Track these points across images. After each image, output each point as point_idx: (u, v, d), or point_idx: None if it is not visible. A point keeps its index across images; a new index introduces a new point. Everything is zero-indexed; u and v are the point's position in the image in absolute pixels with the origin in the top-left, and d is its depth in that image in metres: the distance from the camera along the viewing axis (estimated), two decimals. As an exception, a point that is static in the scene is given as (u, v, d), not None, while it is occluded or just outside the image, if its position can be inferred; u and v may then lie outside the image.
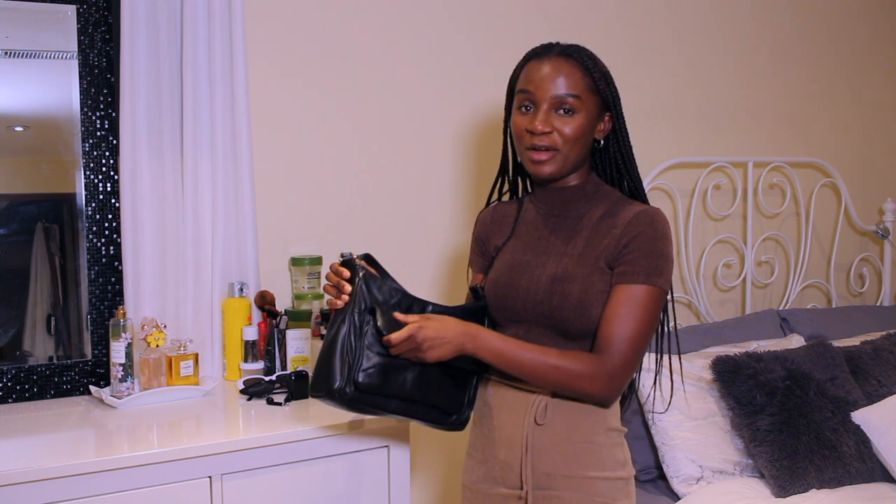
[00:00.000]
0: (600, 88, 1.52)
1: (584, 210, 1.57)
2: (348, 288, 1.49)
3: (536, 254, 1.57)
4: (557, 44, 1.56)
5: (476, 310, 1.61)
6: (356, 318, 1.47)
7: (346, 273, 1.50)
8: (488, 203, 1.76)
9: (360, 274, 1.50)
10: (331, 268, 1.53)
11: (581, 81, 1.50)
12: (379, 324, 1.47)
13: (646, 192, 1.64)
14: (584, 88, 1.51)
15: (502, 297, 1.58)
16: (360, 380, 1.45)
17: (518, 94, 1.55)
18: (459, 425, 1.62)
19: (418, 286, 2.48)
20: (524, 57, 1.58)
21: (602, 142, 1.58)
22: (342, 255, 1.52)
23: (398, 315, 1.48)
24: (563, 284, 1.50)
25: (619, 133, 1.57)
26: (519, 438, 1.53)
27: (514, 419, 1.54)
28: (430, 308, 1.56)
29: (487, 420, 1.60)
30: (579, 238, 1.54)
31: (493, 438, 1.57)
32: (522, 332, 1.55)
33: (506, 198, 1.76)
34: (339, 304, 1.49)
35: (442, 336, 1.45)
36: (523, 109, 1.54)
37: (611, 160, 1.60)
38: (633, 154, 1.60)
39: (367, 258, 1.57)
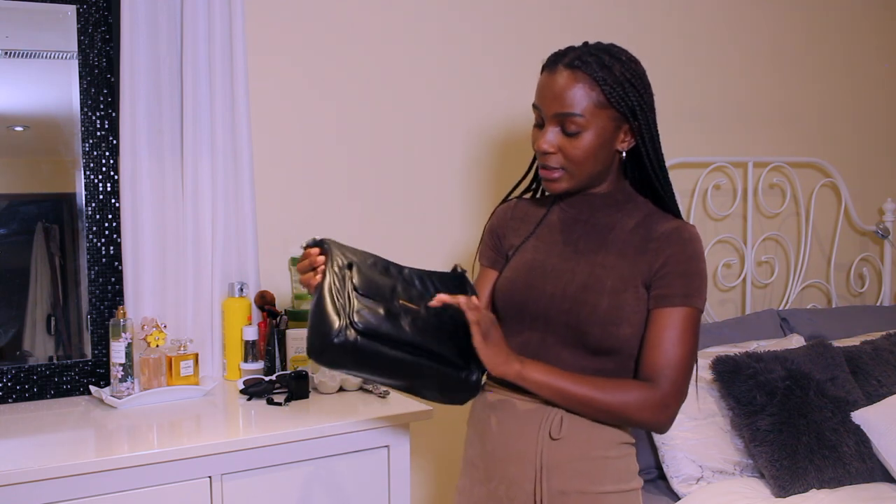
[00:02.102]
0: (613, 102, 1.41)
1: (615, 219, 1.50)
2: (322, 259, 1.39)
3: (563, 259, 1.49)
4: (571, 50, 1.45)
5: (457, 281, 1.49)
6: (336, 271, 1.37)
7: (316, 251, 1.41)
8: (506, 199, 1.67)
9: (328, 243, 1.41)
10: (301, 256, 1.43)
11: (587, 97, 1.40)
12: (356, 280, 1.38)
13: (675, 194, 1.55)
14: (592, 104, 1.40)
15: (521, 300, 1.49)
16: (357, 321, 1.33)
17: (533, 107, 1.48)
18: (471, 388, 1.43)
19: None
20: (542, 65, 1.48)
21: (625, 154, 1.47)
22: (306, 243, 1.44)
23: (442, 297, 1.37)
24: (593, 295, 1.42)
25: (646, 143, 1.46)
26: (532, 455, 1.44)
27: (526, 434, 1.45)
28: (407, 271, 1.46)
29: (491, 436, 1.50)
30: (611, 248, 1.47)
31: (499, 456, 1.48)
32: (536, 339, 1.47)
33: (526, 195, 1.67)
34: (318, 278, 1.38)
35: (502, 341, 1.39)
36: (536, 125, 1.48)
37: (640, 169, 1.51)
38: (664, 164, 1.50)
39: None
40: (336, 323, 1.33)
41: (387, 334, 1.36)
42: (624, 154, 1.48)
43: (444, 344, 1.41)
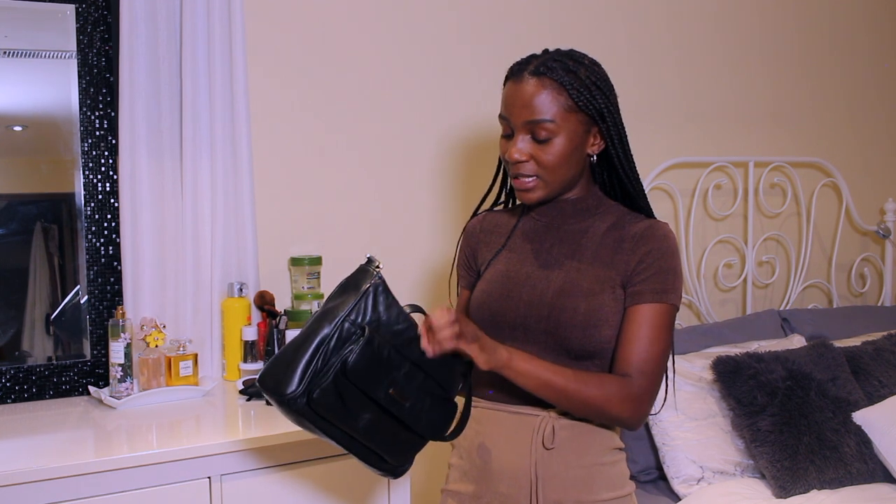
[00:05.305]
0: (581, 105, 1.40)
1: (587, 223, 1.49)
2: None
3: (538, 266, 1.48)
4: (534, 58, 1.44)
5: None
6: (346, 326, 1.28)
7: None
8: (475, 213, 1.65)
9: (373, 281, 1.32)
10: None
11: (556, 102, 1.39)
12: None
13: (646, 194, 1.55)
14: (561, 109, 1.39)
15: (497, 310, 1.47)
16: (316, 396, 1.25)
17: (499, 118, 1.46)
18: (393, 474, 1.40)
19: (418, 284, 2.47)
20: (505, 75, 1.46)
21: (595, 157, 1.47)
22: (367, 257, 1.37)
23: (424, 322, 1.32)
24: (571, 300, 1.41)
25: (615, 144, 1.46)
26: (525, 467, 1.42)
27: (517, 446, 1.43)
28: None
29: (480, 451, 1.46)
30: (585, 252, 1.46)
31: (490, 470, 1.45)
32: (517, 348, 1.41)
33: (497, 207, 1.66)
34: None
35: (483, 335, 1.34)
36: (505, 136, 1.46)
37: (610, 172, 1.50)
38: (633, 165, 1.49)
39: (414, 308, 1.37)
40: (294, 385, 1.25)
41: (334, 418, 1.29)
42: (594, 158, 1.48)
43: (389, 444, 1.35)
